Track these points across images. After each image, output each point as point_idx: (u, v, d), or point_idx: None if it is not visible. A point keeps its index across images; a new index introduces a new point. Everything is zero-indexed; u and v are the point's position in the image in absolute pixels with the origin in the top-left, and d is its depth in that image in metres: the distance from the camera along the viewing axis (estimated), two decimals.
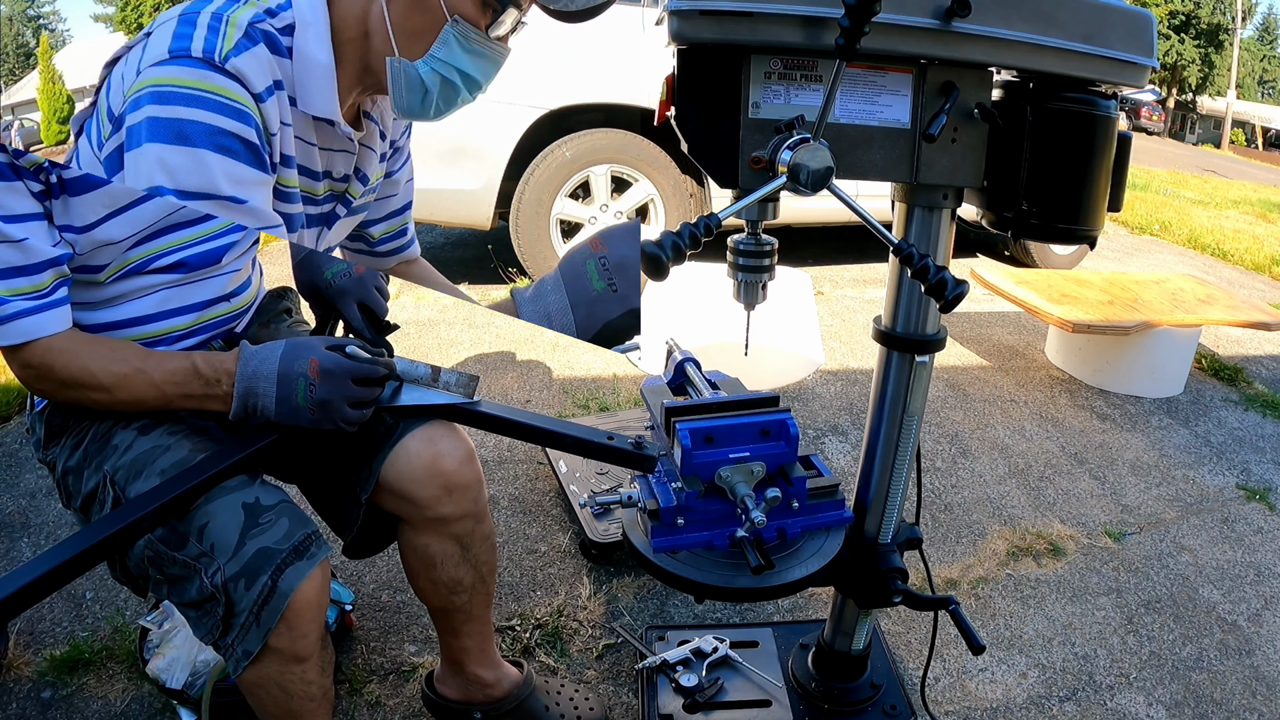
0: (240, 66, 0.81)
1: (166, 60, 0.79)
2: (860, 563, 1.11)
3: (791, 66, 0.83)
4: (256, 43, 0.83)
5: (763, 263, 0.87)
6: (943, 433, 2.48)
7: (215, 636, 0.87)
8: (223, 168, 0.80)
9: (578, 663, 1.50)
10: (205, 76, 0.79)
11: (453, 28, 0.89)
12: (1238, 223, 6.89)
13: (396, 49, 0.90)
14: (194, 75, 0.78)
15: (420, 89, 0.92)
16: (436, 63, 0.91)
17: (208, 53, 0.79)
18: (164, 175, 0.77)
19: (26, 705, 1.38)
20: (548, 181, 3.23)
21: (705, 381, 1.07)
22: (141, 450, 0.92)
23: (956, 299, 0.75)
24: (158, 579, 0.91)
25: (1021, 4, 0.81)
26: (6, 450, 2.26)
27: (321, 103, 0.90)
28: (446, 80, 0.92)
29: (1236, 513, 2.14)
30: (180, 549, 0.87)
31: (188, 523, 0.87)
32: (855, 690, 1.29)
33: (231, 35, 0.81)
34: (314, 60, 0.88)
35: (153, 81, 0.78)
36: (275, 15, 0.86)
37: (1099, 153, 0.90)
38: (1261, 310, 2.97)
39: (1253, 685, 1.54)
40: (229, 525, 0.87)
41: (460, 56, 0.91)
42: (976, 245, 4.96)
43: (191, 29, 0.81)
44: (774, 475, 0.95)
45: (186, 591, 0.88)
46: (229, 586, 0.85)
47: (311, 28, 0.88)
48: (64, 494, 1.00)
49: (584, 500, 0.97)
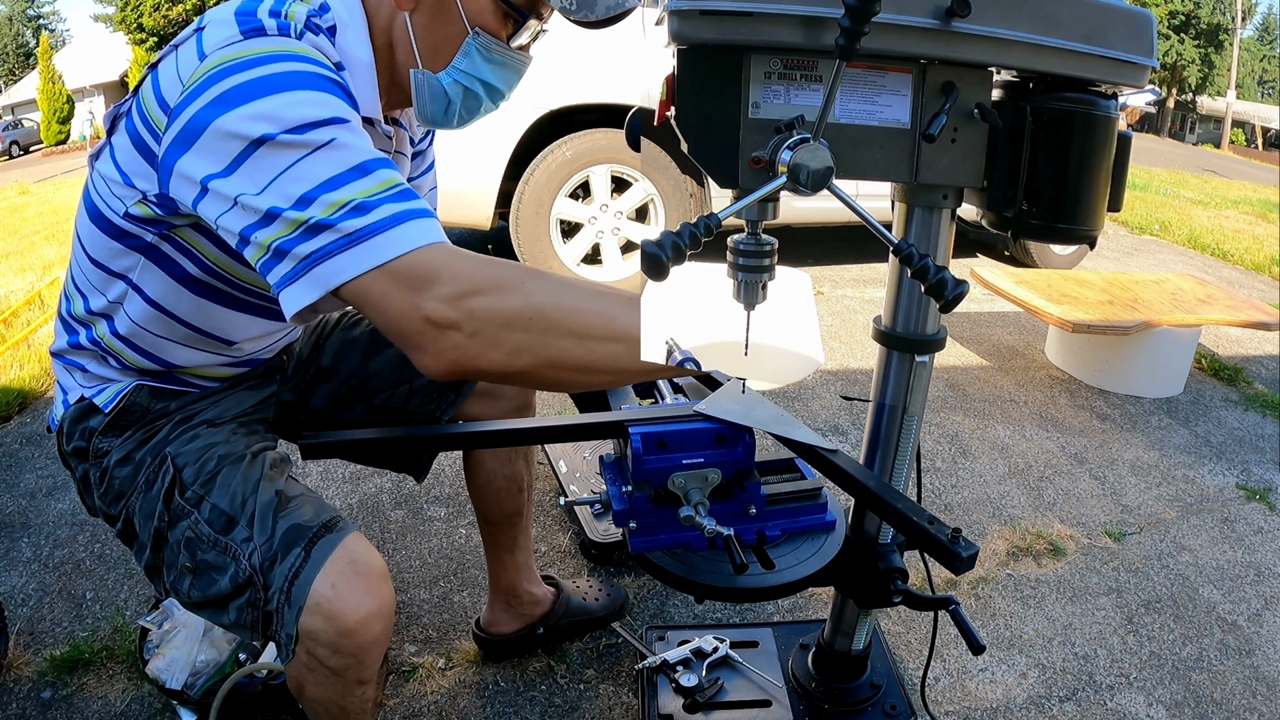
0: (318, 42, 0.81)
1: (237, 39, 0.77)
2: (860, 563, 1.11)
3: (791, 66, 0.83)
4: (318, 34, 0.83)
5: (763, 263, 0.87)
6: (943, 433, 2.48)
7: (259, 629, 0.89)
8: (326, 100, 0.74)
9: (578, 662, 1.50)
10: (286, 43, 0.77)
11: (474, 39, 0.89)
12: (1238, 223, 6.89)
13: (420, 61, 0.90)
14: (275, 43, 0.76)
15: (443, 99, 0.93)
16: (459, 74, 0.91)
17: (283, 29, 0.79)
18: (262, 123, 0.71)
19: (26, 705, 1.38)
20: (548, 181, 3.23)
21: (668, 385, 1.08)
22: (205, 441, 0.98)
23: (956, 299, 0.75)
24: (185, 566, 0.92)
25: (1021, 4, 0.81)
26: (6, 450, 2.27)
27: (367, 102, 0.90)
28: (469, 90, 0.93)
29: (1236, 513, 2.14)
30: (227, 532, 0.90)
31: (235, 504, 0.91)
32: (855, 690, 1.29)
33: (297, 22, 0.81)
34: (357, 60, 0.88)
35: (228, 57, 0.75)
36: (320, 16, 0.86)
37: (1099, 153, 0.90)
38: (1261, 310, 2.97)
39: (1253, 685, 1.54)
40: (268, 511, 0.91)
41: (482, 67, 0.91)
42: (976, 245, 4.97)
43: (253, 16, 0.80)
44: (731, 482, 0.95)
45: (216, 583, 0.90)
46: (265, 567, 0.87)
47: (350, 28, 0.88)
48: (103, 484, 1.00)
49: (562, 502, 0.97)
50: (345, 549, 0.88)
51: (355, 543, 0.89)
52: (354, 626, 0.85)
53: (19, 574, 1.72)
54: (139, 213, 0.86)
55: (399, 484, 2.07)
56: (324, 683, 0.90)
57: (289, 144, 0.71)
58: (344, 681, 0.90)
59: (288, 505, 0.92)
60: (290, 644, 0.87)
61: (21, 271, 4.61)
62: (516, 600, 1.47)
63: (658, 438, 0.90)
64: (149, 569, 0.99)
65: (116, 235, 0.90)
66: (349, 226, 0.69)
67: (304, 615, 0.85)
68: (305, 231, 0.70)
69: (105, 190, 0.89)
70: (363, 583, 0.86)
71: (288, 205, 0.70)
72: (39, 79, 27.80)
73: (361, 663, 0.89)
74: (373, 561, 0.89)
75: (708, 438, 0.92)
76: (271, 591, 0.87)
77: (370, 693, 0.96)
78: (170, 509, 0.94)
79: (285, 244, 0.70)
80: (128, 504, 0.99)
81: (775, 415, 0.97)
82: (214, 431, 1.01)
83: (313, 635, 0.86)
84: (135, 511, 0.98)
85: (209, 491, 0.94)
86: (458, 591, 1.69)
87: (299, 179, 0.70)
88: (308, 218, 0.69)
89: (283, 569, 0.86)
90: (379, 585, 0.88)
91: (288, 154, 0.70)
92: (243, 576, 0.88)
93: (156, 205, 0.85)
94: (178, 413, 1.03)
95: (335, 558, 0.87)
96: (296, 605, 0.85)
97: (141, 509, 0.97)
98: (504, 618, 1.48)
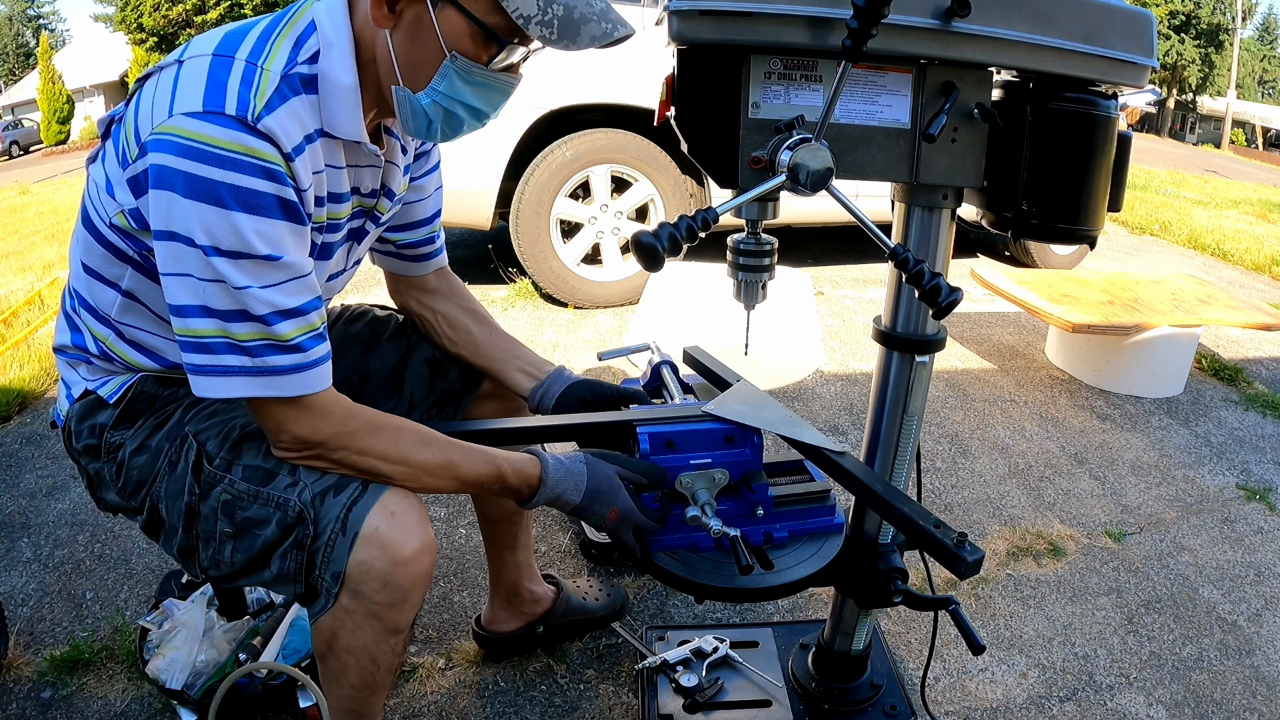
0: (272, 126, 0.81)
1: (200, 114, 0.79)
2: (860, 563, 1.11)
3: (791, 66, 0.83)
4: (287, 98, 0.83)
5: (763, 262, 0.87)
6: (943, 433, 2.48)
7: (301, 576, 0.90)
8: (254, 226, 0.81)
9: (578, 662, 1.50)
10: (237, 138, 0.79)
11: (452, 63, 0.88)
12: (1238, 223, 6.89)
13: (400, 79, 0.90)
14: (227, 136, 0.79)
15: (424, 119, 0.92)
16: (438, 95, 0.90)
17: (240, 111, 0.80)
18: (204, 236, 0.79)
19: (26, 705, 1.38)
20: (548, 181, 3.23)
21: (678, 385, 1.08)
22: (224, 416, 0.99)
23: (951, 305, 0.75)
24: (225, 533, 0.93)
25: (1021, 4, 0.81)
26: (6, 450, 2.27)
27: (347, 125, 0.90)
28: (449, 112, 0.92)
29: (1236, 513, 2.14)
30: (268, 483, 0.92)
31: (272, 460, 0.93)
32: (855, 690, 1.29)
33: (265, 90, 0.82)
34: (338, 84, 0.88)
35: (185, 134, 0.78)
36: (301, 46, 0.86)
37: (1099, 153, 0.90)
38: (1262, 310, 2.97)
39: (1253, 685, 1.54)
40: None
41: (462, 90, 0.90)
42: (976, 245, 4.97)
43: (225, 77, 0.81)
44: (738, 483, 0.95)
45: (260, 537, 0.91)
46: (316, 502, 0.89)
47: (335, 48, 0.87)
48: (120, 478, 1.00)
49: None
50: (395, 491, 0.92)
51: (402, 490, 0.94)
52: (410, 556, 0.89)
53: (19, 574, 1.72)
54: (121, 224, 0.88)
55: None
56: (362, 626, 0.92)
57: (209, 264, 0.80)
58: (382, 625, 0.92)
59: None
60: (335, 585, 0.89)
61: (21, 271, 4.61)
62: (517, 598, 1.47)
63: (665, 437, 0.90)
64: (182, 551, 0.98)
65: (105, 244, 0.91)
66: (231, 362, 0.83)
67: (359, 545, 0.88)
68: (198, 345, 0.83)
69: (97, 196, 0.90)
70: (417, 516, 0.91)
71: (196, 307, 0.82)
72: (39, 79, 27.76)
73: (407, 600, 0.91)
74: (420, 504, 0.94)
75: (716, 438, 0.92)
76: (324, 524, 0.89)
77: (400, 646, 0.98)
78: (201, 480, 0.94)
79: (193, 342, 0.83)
80: (151, 491, 0.98)
81: (783, 416, 0.97)
82: (230, 407, 1.01)
83: (365, 566, 0.88)
84: (161, 496, 0.97)
85: (238, 456, 0.94)
86: (458, 591, 1.69)
87: (210, 298, 0.81)
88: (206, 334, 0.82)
89: (339, 499, 0.89)
90: (426, 525, 0.93)
91: (204, 269, 0.80)
92: (292, 514, 0.90)
93: (134, 220, 0.86)
94: (187, 396, 1.02)
95: (392, 493, 0.91)
96: (352, 532, 0.88)
97: (168, 491, 0.97)
98: (504, 616, 1.48)
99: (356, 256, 1.11)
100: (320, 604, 0.91)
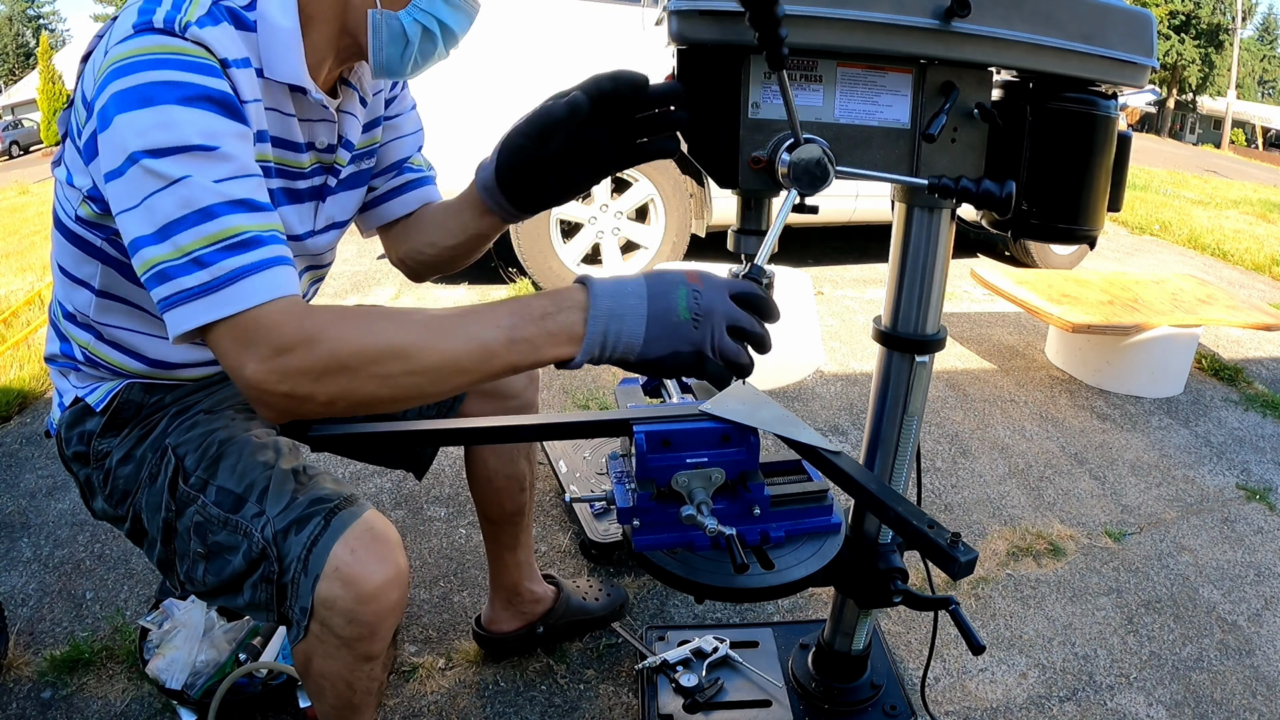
0: (203, 35, 0.81)
1: (130, 35, 0.79)
2: (860, 563, 1.11)
3: (791, 66, 0.83)
4: (219, 21, 0.83)
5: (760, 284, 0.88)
6: (943, 433, 2.48)
7: (273, 607, 0.89)
8: (189, 118, 0.77)
9: (578, 662, 1.50)
10: (167, 41, 0.78)
11: None
12: (1238, 223, 6.89)
13: (379, 1, 0.92)
14: (157, 42, 0.78)
15: (401, 40, 0.94)
16: (418, 12, 0.93)
17: (168, 23, 0.80)
18: (138, 140, 0.75)
19: (26, 705, 1.38)
20: None
21: (676, 384, 1.08)
22: (205, 429, 0.98)
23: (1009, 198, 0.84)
24: (197, 553, 0.92)
25: (1021, 4, 0.81)
26: (6, 450, 2.27)
27: (288, 68, 0.90)
28: (427, 30, 0.95)
29: (1236, 513, 2.14)
30: (236, 510, 0.90)
31: (243, 484, 0.92)
32: (855, 690, 1.29)
33: (194, 10, 0.82)
34: (277, 26, 0.88)
35: (116, 57, 0.78)
36: None
37: (1099, 153, 0.90)
38: (1262, 310, 2.97)
39: (1253, 685, 1.54)
40: (283, 487, 0.92)
41: (440, 6, 0.94)
42: (976, 245, 4.97)
43: (155, 5, 0.81)
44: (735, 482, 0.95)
45: (229, 564, 0.90)
46: (278, 539, 0.88)
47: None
48: (107, 485, 1.01)
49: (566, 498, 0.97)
50: (365, 521, 0.90)
51: (374, 517, 0.91)
52: (373, 592, 0.86)
53: (19, 574, 1.72)
54: (85, 214, 0.88)
55: (399, 484, 2.07)
56: (334, 655, 0.90)
57: (150, 170, 0.74)
58: (354, 654, 0.90)
59: (310, 480, 0.94)
60: (304, 619, 0.88)
61: (21, 271, 4.62)
62: (517, 598, 1.48)
63: (662, 436, 0.90)
64: (161, 563, 0.99)
65: (74, 241, 0.92)
66: (188, 283, 0.73)
67: (321, 582, 0.86)
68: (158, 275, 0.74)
69: (62, 194, 0.91)
70: (381, 549, 0.88)
71: (151, 233, 0.74)
72: (39, 79, 27.75)
73: (375, 633, 0.89)
74: (390, 532, 0.91)
75: (712, 437, 0.92)
76: (287, 561, 0.87)
77: (377, 672, 0.96)
78: (176, 498, 0.95)
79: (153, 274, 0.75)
80: (134, 501, 0.99)
81: (780, 416, 0.97)
82: (212, 419, 1.01)
83: (329, 603, 0.86)
84: (142, 507, 0.98)
85: (213, 475, 0.94)
86: (458, 591, 1.69)
87: (158, 211, 0.74)
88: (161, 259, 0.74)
89: (300, 538, 0.87)
90: (396, 553, 0.90)
91: (149, 181, 0.74)
92: (256, 550, 0.89)
93: (95, 204, 0.86)
94: (173, 405, 1.03)
95: (355, 527, 0.88)
96: (314, 572, 0.86)
97: (148, 503, 0.97)
98: (505, 616, 1.48)
99: (330, 220, 1.09)
100: (293, 632, 0.90)
